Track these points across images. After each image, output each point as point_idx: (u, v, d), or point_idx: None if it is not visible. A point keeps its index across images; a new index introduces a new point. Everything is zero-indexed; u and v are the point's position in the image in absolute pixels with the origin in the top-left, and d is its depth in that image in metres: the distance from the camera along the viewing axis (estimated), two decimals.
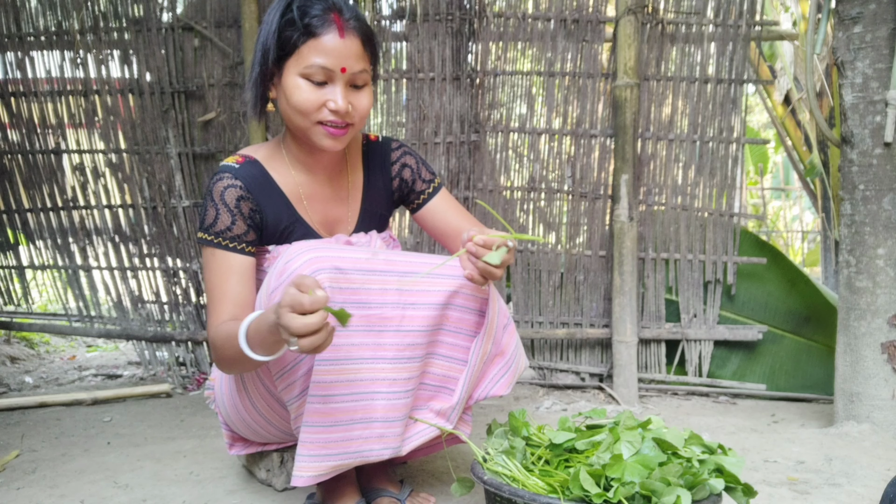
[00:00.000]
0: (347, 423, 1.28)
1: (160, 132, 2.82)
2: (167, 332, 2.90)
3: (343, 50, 1.33)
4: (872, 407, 2.07)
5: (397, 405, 1.32)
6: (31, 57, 2.83)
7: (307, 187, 1.49)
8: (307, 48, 1.33)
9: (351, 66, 1.35)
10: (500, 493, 1.19)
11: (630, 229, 2.61)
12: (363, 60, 1.37)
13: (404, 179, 1.59)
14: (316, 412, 1.27)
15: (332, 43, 1.33)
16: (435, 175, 1.62)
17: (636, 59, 2.59)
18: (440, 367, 1.41)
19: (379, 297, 1.29)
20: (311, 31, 1.33)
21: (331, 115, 1.35)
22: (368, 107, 1.41)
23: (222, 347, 1.30)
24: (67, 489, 1.68)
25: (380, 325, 1.29)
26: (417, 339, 1.33)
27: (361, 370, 1.29)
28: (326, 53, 1.33)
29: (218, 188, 1.40)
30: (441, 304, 1.35)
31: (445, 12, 2.70)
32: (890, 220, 2.05)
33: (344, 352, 1.27)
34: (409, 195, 1.61)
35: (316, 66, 1.33)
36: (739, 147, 2.74)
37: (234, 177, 1.41)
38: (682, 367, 2.80)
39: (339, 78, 1.34)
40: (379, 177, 1.58)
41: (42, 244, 2.94)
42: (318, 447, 1.27)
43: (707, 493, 1.15)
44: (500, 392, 1.45)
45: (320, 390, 1.26)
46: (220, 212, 1.38)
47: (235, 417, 1.53)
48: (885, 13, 2.03)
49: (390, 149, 1.60)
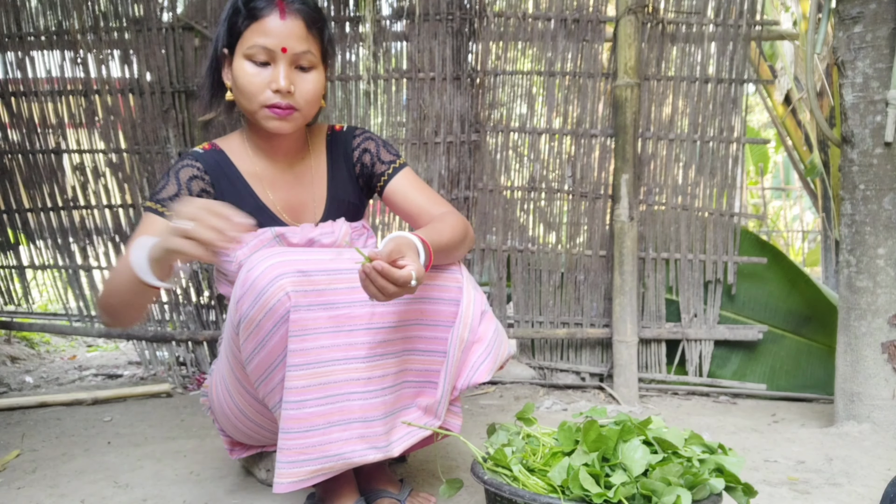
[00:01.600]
0: (324, 426, 1.27)
1: (160, 132, 2.82)
2: (167, 331, 2.90)
3: (284, 30, 1.37)
4: (873, 407, 2.07)
5: (375, 404, 1.31)
6: (32, 57, 2.83)
7: (268, 172, 1.52)
8: (250, 31, 1.38)
9: (292, 47, 1.38)
10: (501, 492, 1.19)
11: (630, 229, 2.61)
12: (307, 42, 1.39)
13: (364, 164, 1.60)
14: (291, 418, 1.25)
15: (272, 24, 1.37)
16: (397, 157, 1.60)
17: (636, 58, 2.59)
18: (421, 363, 1.40)
19: (346, 296, 1.28)
20: (253, 15, 1.38)
21: (274, 98, 1.38)
22: (314, 90, 1.42)
23: (111, 277, 1.31)
24: (67, 489, 1.68)
25: (349, 324, 1.29)
26: (389, 336, 1.32)
27: (334, 372, 1.27)
28: (267, 34, 1.37)
29: (176, 167, 1.47)
30: (412, 299, 1.34)
31: (445, 12, 2.70)
32: (890, 219, 2.05)
33: (314, 355, 1.26)
34: (371, 179, 1.61)
35: (257, 46, 1.37)
36: (740, 147, 2.74)
37: (194, 159, 1.47)
38: (682, 366, 2.80)
39: (281, 58, 1.38)
40: (342, 164, 1.59)
41: (42, 244, 2.94)
42: (296, 453, 1.26)
43: (707, 492, 1.15)
44: (482, 378, 1.41)
45: (294, 396, 1.25)
46: (169, 182, 1.44)
47: (228, 423, 1.53)
48: (885, 13, 2.03)
49: (353, 136, 1.61)
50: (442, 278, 1.37)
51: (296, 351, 1.25)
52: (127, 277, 1.24)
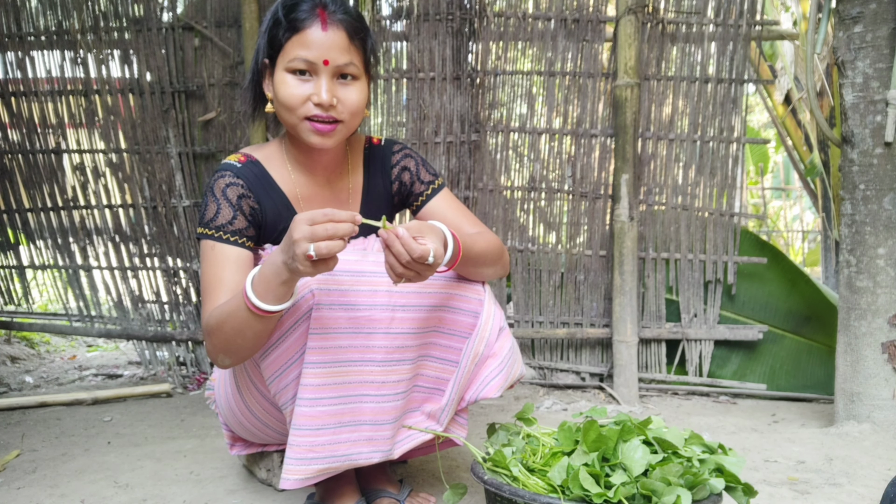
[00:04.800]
0: (335, 426, 1.28)
1: (160, 132, 2.82)
2: (167, 331, 2.90)
3: (326, 42, 1.33)
4: (873, 407, 2.07)
5: (386, 408, 1.32)
6: (32, 57, 2.83)
7: (306, 188, 1.48)
8: (291, 44, 1.34)
9: (335, 59, 1.34)
10: (501, 492, 1.19)
11: (630, 229, 2.61)
12: (349, 53, 1.35)
13: (403, 182, 1.57)
14: (304, 415, 1.26)
15: (314, 36, 1.33)
16: (436, 176, 1.59)
17: (636, 58, 2.59)
18: (433, 370, 1.41)
19: (368, 298, 1.28)
20: (294, 27, 1.34)
21: (316, 110, 1.34)
22: (358, 102, 1.38)
23: (221, 323, 1.25)
24: (68, 489, 1.68)
25: (368, 326, 1.28)
26: (407, 342, 1.32)
27: (350, 372, 1.28)
28: (309, 46, 1.33)
29: (220, 185, 1.39)
30: (432, 307, 1.35)
31: (445, 12, 2.70)
32: (890, 219, 2.05)
33: (332, 354, 1.26)
34: (409, 198, 1.59)
35: (299, 58, 1.33)
36: (740, 147, 2.74)
37: (235, 175, 1.41)
38: (682, 366, 2.80)
39: (323, 71, 1.34)
40: (379, 180, 1.56)
41: (42, 244, 2.94)
42: (306, 450, 1.27)
43: (707, 492, 1.15)
44: (491, 394, 1.42)
45: (309, 393, 1.26)
46: (222, 206, 1.37)
47: (233, 420, 1.53)
48: (885, 13, 2.03)
49: (391, 152, 1.58)
50: (464, 289, 1.38)
51: (315, 349, 1.25)
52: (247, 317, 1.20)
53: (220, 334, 1.25)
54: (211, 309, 1.30)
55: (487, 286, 1.43)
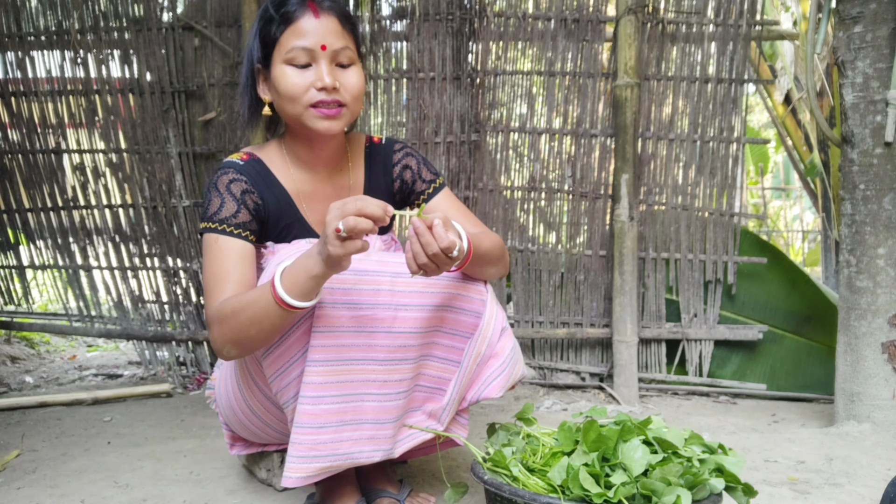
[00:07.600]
0: (337, 424, 1.28)
1: (160, 132, 2.82)
2: (167, 331, 2.90)
3: (320, 28, 1.36)
4: (873, 407, 2.07)
5: (388, 407, 1.32)
6: (32, 57, 2.83)
7: (307, 185, 1.49)
8: (286, 36, 1.36)
9: (331, 43, 1.36)
10: (501, 492, 1.19)
11: (630, 229, 2.61)
12: (343, 38, 1.38)
13: (405, 181, 1.58)
14: (306, 413, 1.26)
15: (308, 24, 1.36)
16: (437, 175, 1.60)
17: (636, 58, 2.59)
18: (435, 369, 1.41)
19: (370, 297, 1.28)
20: (287, 19, 1.36)
21: (320, 95, 1.36)
22: (359, 85, 1.40)
23: (236, 312, 1.24)
24: (68, 489, 1.68)
25: (371, 325, 1.29)
26: (409, 341, 1.33)
27: (352, 371, 1.28)
28: (304, 35, 1.35)
29: (223, 180, 1.41)
30: (435, 306, 1.35)
31: (445, 12, 2.70)
32: (890, 219, 2.05)
33: (335, 353, 1.27)
34: (410, 196, 1.60)
35: (297, 48, 1.35)
36: (740, 147, 2.74)
37: (238, 172, 1.42)
38: (682, 366, 2.80)
39: (322, 56, 1.36)
40: (381, 178, 1.57)
41: (42, 244, 2.94)
42: (308, 448, 1.27)
43: (707, 492, 1.15)
44: (493, 394, 1.43)
45: (311, 391, 1.26)
46: (226, 200, 1.39)
47: (234, 419, 1.53)
48: (885, 13, 2.03)
49: (393, 150, 1.58)
50: (467, 289, 1.38)
51: (318, 347, 1.26)
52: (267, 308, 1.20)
53: (234, 322, 1.25)
54: (217, 301, 1.30)
55: (490, 286, 1.44)
